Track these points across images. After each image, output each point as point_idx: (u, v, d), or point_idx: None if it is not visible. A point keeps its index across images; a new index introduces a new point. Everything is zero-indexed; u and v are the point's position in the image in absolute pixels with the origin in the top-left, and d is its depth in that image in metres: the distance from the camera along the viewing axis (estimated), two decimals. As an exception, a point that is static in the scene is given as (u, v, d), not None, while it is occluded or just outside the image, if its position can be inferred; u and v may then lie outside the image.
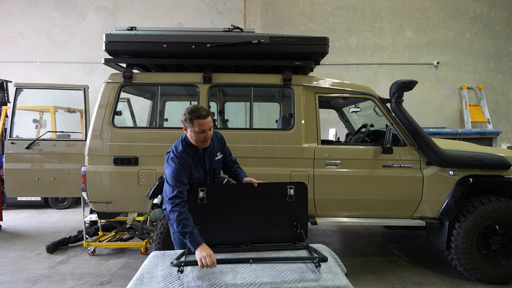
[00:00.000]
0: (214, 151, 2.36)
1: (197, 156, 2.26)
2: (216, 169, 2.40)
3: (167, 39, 3.21)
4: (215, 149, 2.37)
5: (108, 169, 3.26)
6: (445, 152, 3.21)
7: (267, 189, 2.25)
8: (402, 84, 3.26)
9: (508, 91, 8.32)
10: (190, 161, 2.20)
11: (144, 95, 4.33)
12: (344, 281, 1.76)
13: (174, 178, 2.11)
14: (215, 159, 2.36)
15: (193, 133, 2.15)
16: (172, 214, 2.03)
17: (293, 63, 3.33)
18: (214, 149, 2.37)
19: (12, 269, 3.70)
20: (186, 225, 1.98)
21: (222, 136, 2.48)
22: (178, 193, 2.07)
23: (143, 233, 4.05)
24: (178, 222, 1.99)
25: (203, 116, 2.11)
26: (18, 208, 6.63)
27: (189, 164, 2.19)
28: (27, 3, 7.99)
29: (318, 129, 3.36)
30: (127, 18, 8.02)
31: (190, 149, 2.23)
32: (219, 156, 2.40)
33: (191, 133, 2.17)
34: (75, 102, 5.75)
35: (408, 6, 8.20)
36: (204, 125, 2.12)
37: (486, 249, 3.29)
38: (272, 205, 2.24)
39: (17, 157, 4.12)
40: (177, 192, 2.07)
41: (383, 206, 3.35)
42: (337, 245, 4.47)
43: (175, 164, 2.14)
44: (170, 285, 1.73)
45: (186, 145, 2.24)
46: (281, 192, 2.21)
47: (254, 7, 7.83)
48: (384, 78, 8.20)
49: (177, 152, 2.19)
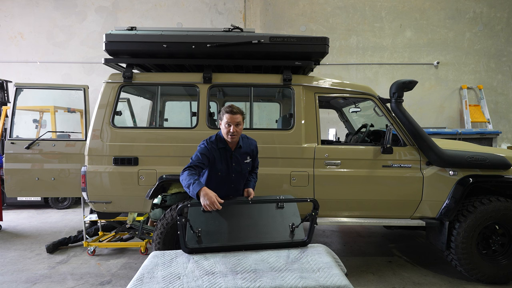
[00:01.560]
0: (244, 153, 2.61)
1: (225, 151, 2.54)
2: (244, 170, 2.63)
3: (167, 39, 3.21)
4: (246, 151, 2.62)
5: (108, 169, 3.26)
6: (445, 152, 3.21)
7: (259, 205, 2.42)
8: (402, 84, 3.26)
9: (508, 91, 8.32)
10: (216, 152, 2.50)
11: (144, 95, 4.33)
12: (344, 281, 1.76)
13: (196, 155, 2.46)
14: (244, 162, 2.61)
15: (222, 124, 2.46)
16: (182, 173, 2.33)
17: (293, 63, 3.32)
18: (245, 151, 2.61)
19: (12, 269, 3.70)
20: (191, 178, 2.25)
21: (256, 145, 2.72)
22: (192, 164, 2.40)
23: (143, 233, 4.04)
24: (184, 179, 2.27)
25: (232, 112, 2.42)
26: (18, 208, 6.63)
27: (213, 153, 2.49)
28: (27, 3, 7.99)
29: (318, 129, 3.36)
30: (127, 18, 8.02)
31: (221, 143, 2.53)
32: (248, 159, 2.64)
33: (221, 125, 2.48)
34: (75, 102, 5.76)
35: (408, 6, 8.20)
36: (232, 119, 2.41)
37: (486, 249, 3.29)
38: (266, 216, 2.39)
39: (17, 157, 4.12)
40: (192, 162, 2.41)
41: (383, 206, 3.35)
42: (337, 245, 4.47)
43: (202, 146, 2.50)
44: (170, 285, 1.73)
45: (219, 139, 2.55)
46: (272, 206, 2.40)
47: (254, 7, 7.83)
48: (384, 78, 8.20)
49: (209, 140, 2.54)
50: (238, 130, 2.45)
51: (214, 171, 2.56)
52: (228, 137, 2.47)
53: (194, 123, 3.38)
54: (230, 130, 2.43)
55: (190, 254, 2.09)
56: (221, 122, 2.48)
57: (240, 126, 2.47)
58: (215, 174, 2.57)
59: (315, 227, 2.34)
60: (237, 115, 2.44)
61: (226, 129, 2.45)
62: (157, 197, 3.55)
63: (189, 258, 2.04)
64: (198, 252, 2.12)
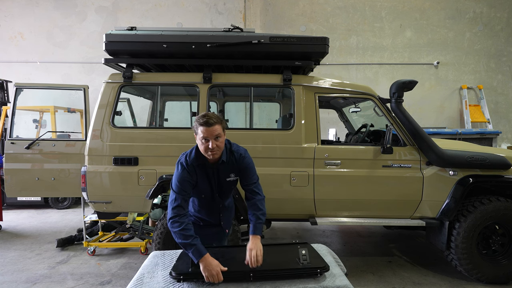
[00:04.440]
0: (227, 169, 2.10)
1: (204, 168, 2.07)
2: (226, 190, 2.17)
3: (167, 39, 3.21)
4: (229, 167, 2.11)
5: (108, 169, 3.26)
6: (445, 152, 3.21)
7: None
8: (402, 84, 3.26)
9: (508, 91, 8.32)
10: (197, 171, 2.05)
11: (144, 95, 4.33)
12: (344, 281, 1.76)
13: (177, 185, 2.00)
14: (226, 180, 2.11)
15: (198, 139, 1.98)
16: (171, 224, 1.90)
17: (293, 63, 3.32)
18: (228, 167, 2.10)
19: (12, 269, 3.70)
20: (186, 236, 1.84)
21: (244, 157, 2.13)
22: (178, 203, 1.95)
23: (143, 233, 4.05)
24: (178, 234, 1.86)
25: (208, 123, 1.90)
26: (18, 208, 6.63)
27: (195, 175, 2.05)
28: (27, 3, 7.99)
29: (318, 129, 3.36)
30: (127, 18, 8.02)
31: (200, 159, 2.05)
32: (232, 177, 2.12)
33: (197, 139, 1.99)
34: (75, 102, 5.77)
35: (408, 6, 8.20)
36: (209, 133, 1.91)
37: (486, 249, 3.29)
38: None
39: (17, 157, 4.12)
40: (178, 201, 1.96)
41: (383, 206, 3.35)
42: (337, 245, 4.47)
43: (181, 170, 2.02)
44: (170, 285, 1.73)
45: (198, 154, 2.05)
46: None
47: (254, 7, 7.83)
48: (384, 78, 8.20)
49: (189, 158, 2.04)
50: (218, 144, 1.94)
51: (197, 194, 2.14)
52: (207, 154, 1.97)
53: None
54: (208, 146, 1.92)
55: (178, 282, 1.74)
56: (196, 137, 1.97)
57: (220, 139, 1.95)
58: (198, 197, 2.17)
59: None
60: (215, 126, 1.90)
61: (203, 145, 1.94)
62: (157, 197, 3.55)
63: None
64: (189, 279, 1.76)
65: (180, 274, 1.77)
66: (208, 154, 1.98)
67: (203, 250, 1.81)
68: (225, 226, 2.38)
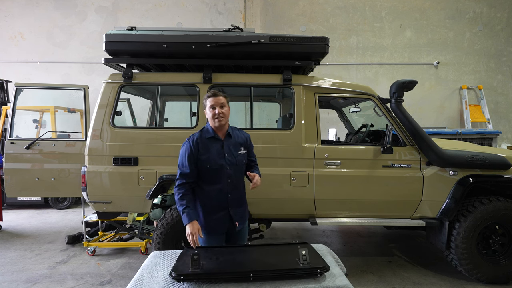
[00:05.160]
0: (237, 143, 2.41)
1: (214, 141, 2.34)
2: (239, 162, 2.40)
3: (167, 39, 3.21)
4: (239, 142, 2.43)
5: (108, 169, 3.26)
6: (445, 152, 3.21)
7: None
8: (402, 84, 3.26)
9: (508, 91, 8.32)
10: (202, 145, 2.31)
11: (144, 95, 4.33)
12: (344, 281, 1.75)
13: (181, 160, 2.31)
14: (239, 153, 2.40)
15: (207, 110, 2.31)
16: (176, 195, 2.25)
17: (293, 63, 3.32)
18: (237, 142, 2.42)
19: (12, 269, 3.70)
20: (183, 203, 2.21)
21: (249, 137, 2.54)
22: (180, 176, 2.27)
23: (143, 233, 4.05)
24: (178, 201, 2.24)
25: (215, 95, 2.30)
26: (18, 208, 6.63)
27: (198, 148, 2.30)
28: (27, 3, 7.99)
29: (318, 129, 3.36)
30: (127, 18, 8.02)
31: (208, 133, 2.34)
32: (242, 151, 2.43)
33: (206, 113, 2.33)
34: (75, 102, 5.76)
35: (408, 6, 8.20)
36: (215, 101, 2.28)
37: (486, 249, 3.29)
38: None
39: (17, 157, 4.12)
40: (179, 175, 2.28)
41: (383, 206, 3.35)
42: (337, 245, 4.47)
43: (184, 147, 2.32)
44: (170, 285, 1.73)
45: (206, 131, 2.36)
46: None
47: (254, 7, 7.83)
48: (384, 78, 8.20)
49: (193, 136, 2.34)
50: (224, 112, 2.28)
51: (202, 165, 2.28)
52: (215, 121, 2.28)
53: (194, 123, 3.38)
54: (215, 112, 2.26)
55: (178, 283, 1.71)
56: (206, 110, 2.32)
57: (225, 108, 2.31)
58: (204, 168, 2.29)
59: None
60: (220, 97, 2.29)
61: (211, 112, 2.28)
62: (157, 197, 3.55)
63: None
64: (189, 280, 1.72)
65: (180, 275, 1.76)
66: (215, 122, 2.29)
67: (193, 216, 2.20)
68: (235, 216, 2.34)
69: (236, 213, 2.37)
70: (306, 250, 1.88)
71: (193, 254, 1.80)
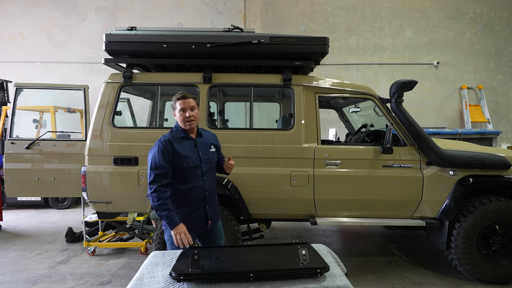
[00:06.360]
0: (208, 142, 2.45)
1: (187, 140, 2.33)
2: (212, 159, 2.44)
3: (167, 39, 3.21)
4: (209, 141, 2.46)
5: (108, 169, 3.26)
6: (445, 152, 3.21)
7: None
8: (402, 84, 3.26)
9: (508, 91, 8.32)
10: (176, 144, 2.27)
11: (144, 95, 4.33)
12: (344, 281, 1.75)
13: (154, 162, 2.22)
14: (210, 151, 2.44)
15: (177, 113, 2.29)
16: (151, 198, 2.18)
17: (293, 63, 3.32)
18: (208, 141, 2.45)
19: (12, 269, 3.70)
20: (165, 208, 2.16)
21: (216, 135, 2.58)
22: (155, 178, 2.19)
23: (143, 233, 4.05)
24: (157, 206, 2.16)
25: (184, 97, 2.27)
26: (18, 208, 6.63)
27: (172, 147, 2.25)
28: (27, 3, 7.99)
29: (318, 129, 3.36)
30: (127, 18, 8.02)
31: (179, 133, 2.32)
32: (213, 148, 2.47)
33: (176, 116, 2.31)
34: (75, 102, 5.76)
35: (408, 6, 8.20)
36: (185, 104, 2.25)
37: (486, 249, 3.29)
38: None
39: (17, 157, 4.11)
40: (154, 176, 2.19)
41: (383, 206, 3.34)
42: (337, 245, 4.47)
43: (157, 147, 2.24)
44: (170, 285, 1.73)
45: (176, 131, 2.33)
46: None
47: (254, 7, 7.83)
48: (384, 78, 8.20)
49: (164, 137, 2.29)
50: (194, 114, 2.26)
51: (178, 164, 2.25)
52: (186, 124, 2.26)
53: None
54: (186, 115, 2.23)
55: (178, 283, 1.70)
56: (175, 113, 2.29)
57: (195, 111, 2.28)
58: (180, 167, 2.26)
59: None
60: (190, 99, 2.27)
61: (182, 116, 2.25)
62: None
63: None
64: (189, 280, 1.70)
65: (180, 275, 1.76)
66: (186, 124, 2.27)
67: (177, 220, 2.16)
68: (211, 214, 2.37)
69: (213, 212, 2.41)
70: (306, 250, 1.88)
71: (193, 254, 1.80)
